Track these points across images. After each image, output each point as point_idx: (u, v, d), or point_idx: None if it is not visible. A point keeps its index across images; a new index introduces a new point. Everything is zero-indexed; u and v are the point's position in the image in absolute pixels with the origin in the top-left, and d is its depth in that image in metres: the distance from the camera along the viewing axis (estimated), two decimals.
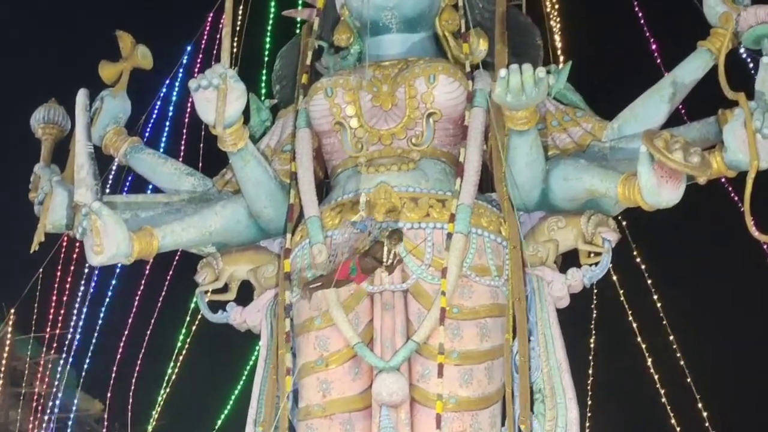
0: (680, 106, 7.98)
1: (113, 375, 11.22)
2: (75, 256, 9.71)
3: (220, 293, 8.23)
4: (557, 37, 10.34)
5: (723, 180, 7.63)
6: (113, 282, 9.93)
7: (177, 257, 9.13)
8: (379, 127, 7.96)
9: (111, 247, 7.39)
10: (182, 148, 9.78)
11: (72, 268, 9.94)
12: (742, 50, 7.78)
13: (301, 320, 7.70)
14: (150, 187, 8.66)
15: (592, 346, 11.50)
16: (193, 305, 8.75)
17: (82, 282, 10.01)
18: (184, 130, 9.90)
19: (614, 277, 8.83)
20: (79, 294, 10.08)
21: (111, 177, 8.60)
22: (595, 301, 10.33)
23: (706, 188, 7.15)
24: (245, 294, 8.24)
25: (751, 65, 7.60)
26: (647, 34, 9.63)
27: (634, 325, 10.07)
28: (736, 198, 7.81)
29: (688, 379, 9.44)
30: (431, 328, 7.28)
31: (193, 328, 9.97)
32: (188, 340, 9.81)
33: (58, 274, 9.86)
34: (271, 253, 8.17)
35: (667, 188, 6.88)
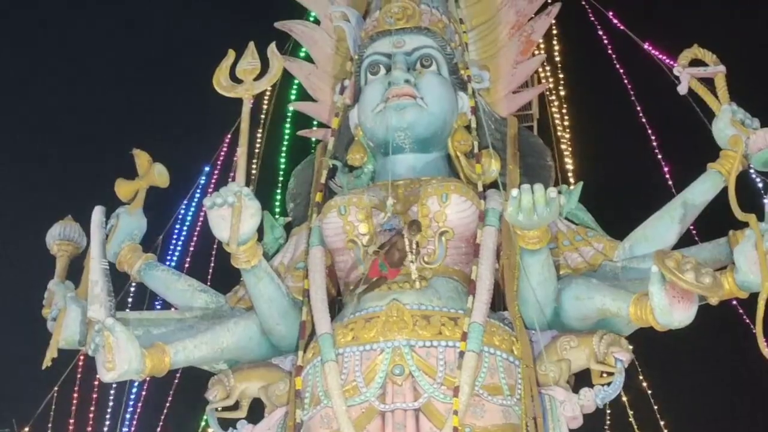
0: (691, 227, 8.03)
1: None
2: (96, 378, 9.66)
3: (231, 411, 8.17)
4: (568, 159, 10.48)
5: (734, 301, 7.64)
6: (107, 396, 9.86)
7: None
8: None
9: (123, 363, 7.35)
10: (187, 263, 9.83)
11: (97, 387, 9.84)
12: (752, 172, 7.87)
13: None
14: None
15: None
16: (203, 423, 8.69)
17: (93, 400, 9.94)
18: (191, 247, 9.97)
19: (624, 398, 8.75)
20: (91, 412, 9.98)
21: (132, 295, 8.67)
22: (608, 422, 10.26)
23: (718, 309, 7.16)
24: (256, 412, 8.19)
25: (761, 186, 7.68)
26: (659, 156, 9.78)
27: None
28: (747, 320, 7.81)
29: None
30: None
31: None
32: None
33: (75, 393, 9.76)
34: (283, 370, 8.12)
35: (680, 308, 6.88)
